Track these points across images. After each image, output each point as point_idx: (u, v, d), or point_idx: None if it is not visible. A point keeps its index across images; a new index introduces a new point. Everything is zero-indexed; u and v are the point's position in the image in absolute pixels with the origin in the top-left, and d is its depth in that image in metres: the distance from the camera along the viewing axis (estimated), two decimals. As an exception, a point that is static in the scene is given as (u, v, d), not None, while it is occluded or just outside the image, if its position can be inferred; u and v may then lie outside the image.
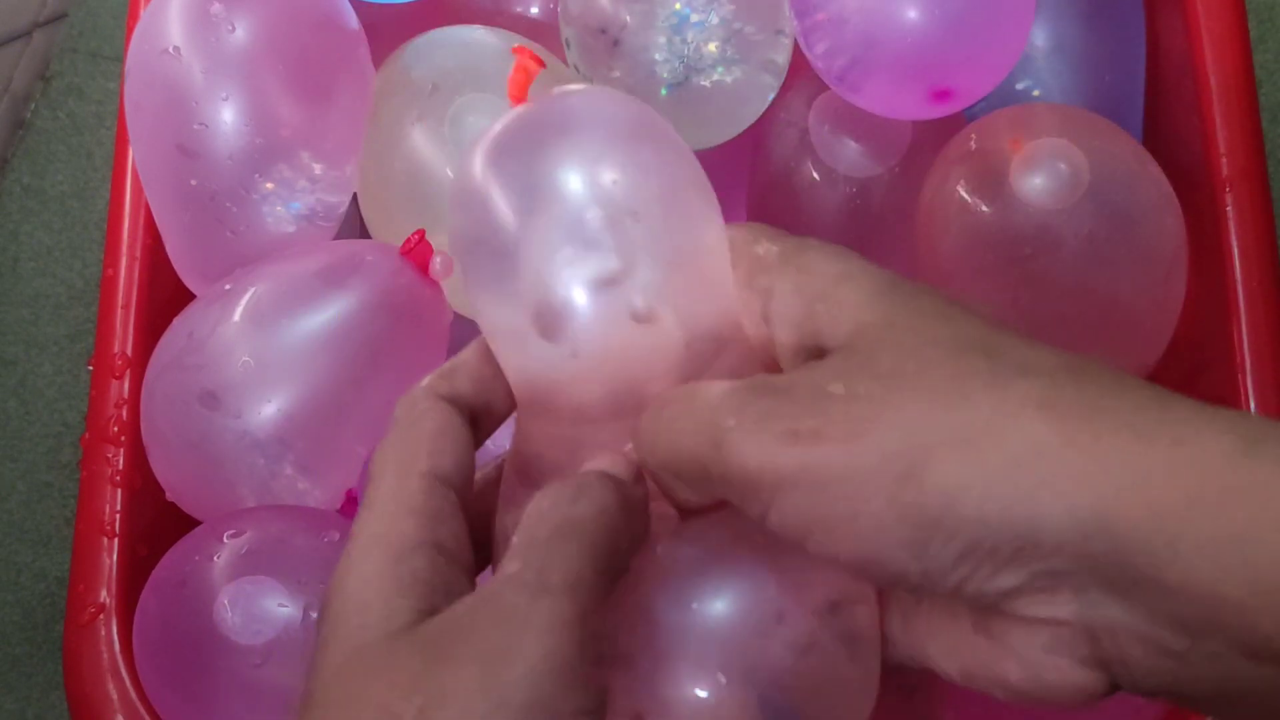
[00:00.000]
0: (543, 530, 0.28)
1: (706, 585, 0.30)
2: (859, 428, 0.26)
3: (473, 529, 0.31)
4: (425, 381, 0.33)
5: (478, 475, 0.33)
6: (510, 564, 0.27)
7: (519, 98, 0.32)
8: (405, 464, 0.30)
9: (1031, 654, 0.27)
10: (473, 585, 0.30)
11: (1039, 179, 0.50)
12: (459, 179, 0.32)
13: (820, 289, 0.29)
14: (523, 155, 0.30)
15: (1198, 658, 0.25)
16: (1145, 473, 0.25)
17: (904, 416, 0.26)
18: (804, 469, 0.26)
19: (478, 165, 0.31)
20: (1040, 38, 0.57)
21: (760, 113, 0.54)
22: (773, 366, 0.31)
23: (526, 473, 0.33)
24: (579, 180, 0.30)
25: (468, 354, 0.33)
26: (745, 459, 0.27)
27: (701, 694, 0.30)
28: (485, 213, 0.30)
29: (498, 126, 0.31)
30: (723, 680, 0.30)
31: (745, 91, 0.53)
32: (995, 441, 0.25)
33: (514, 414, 0.33)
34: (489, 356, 0.32)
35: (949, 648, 0.29)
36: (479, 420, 0.33)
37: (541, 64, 0.33)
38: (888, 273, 0.29)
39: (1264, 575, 0.24)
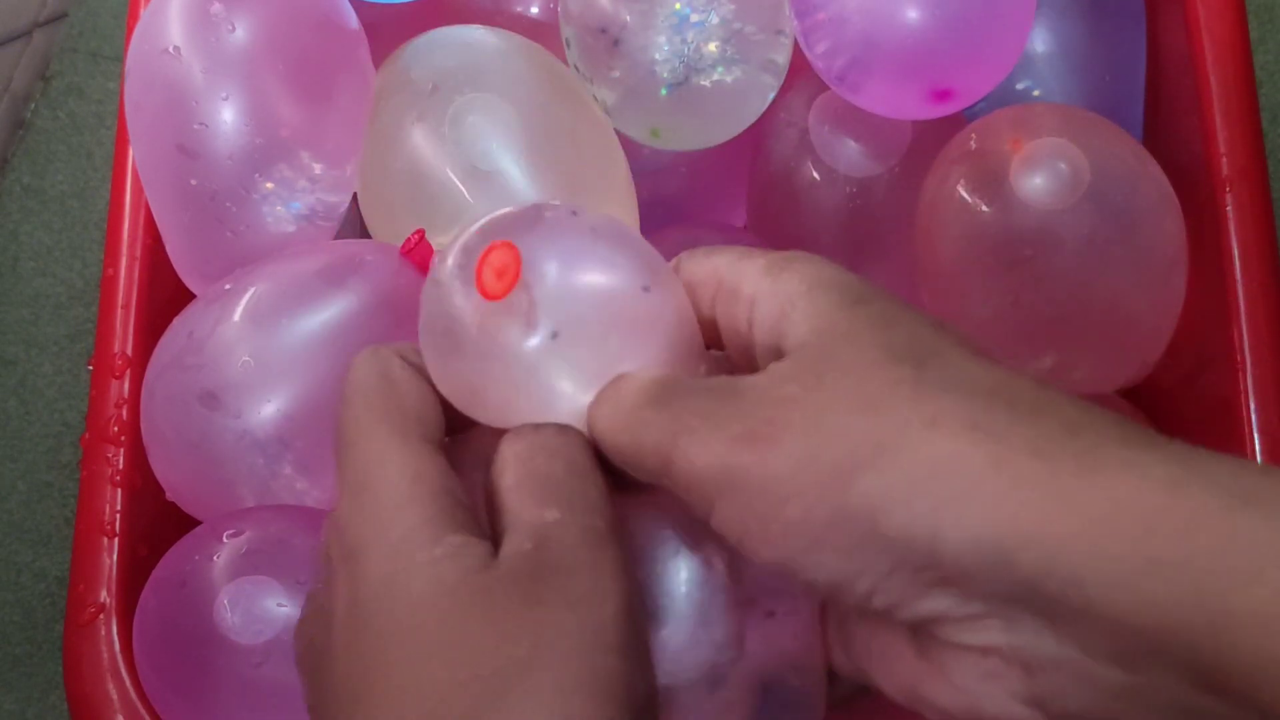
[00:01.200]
0: (558, 468, 0.29)
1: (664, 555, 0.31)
2: (795, 432, 0.27)
3: None
4: (395, 346, 0.33)
5: None
6: (550, 512, 0.28)
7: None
8: (400, 427, 0.31)
9: (967, 682, 0.27)
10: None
11: (1039, 179, 0.50)
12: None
13: (793, 295, 0.30)
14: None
15: (1135, 694, 0.25)
16: (1059, 498, 0.24)
17: (836, 422, 0.26)
18: (744, 471, 0.27)
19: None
20: (1040, 38, 0.57)
21: (760, 113, 0.54)
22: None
23: None
24: None
25: None
26: (694, 459, 0.28)
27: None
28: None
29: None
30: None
31: (745, 91, 0.53)
32: (909, 455, 0.26)
33: None
34: None
35: (888, 668, 0.29)
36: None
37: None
38: (863, 285, 0.30)
39: (1207, 601, 0.23)
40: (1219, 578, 0.23)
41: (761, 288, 0.30)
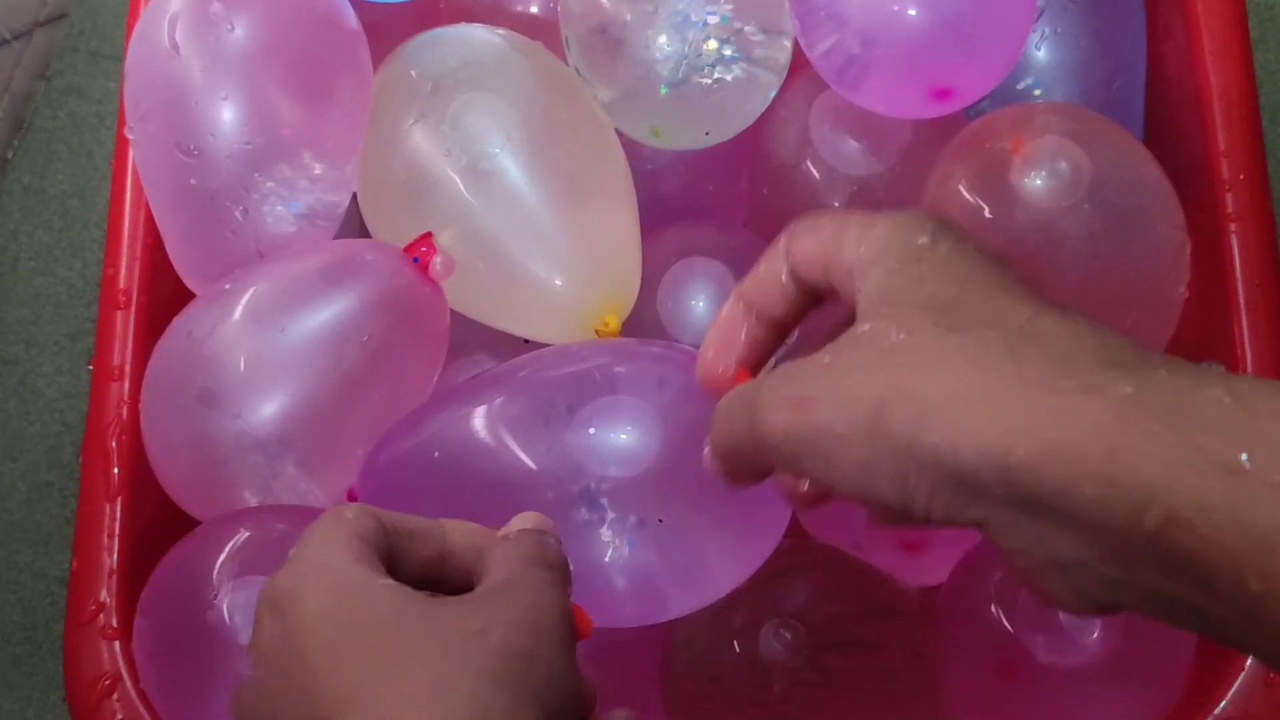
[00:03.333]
0: (533, 551, 0.36)
1: None
2: (840, 393, 0.32)
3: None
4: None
5: None
6: (509, 565, 0.35)
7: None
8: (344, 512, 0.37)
9: (1029, 573, 0.31)
10: None
11: (1040, 178, 0.50)
12: None
13: (865, 264, 0.35)
14: None
15: (1138, 587, 0.29)
16: (1040, 418, 0.29)
17: (874, 379, 0.32)
18: (800, 429, 0.33)
19: None
20: (1041, 37, 0.57)
21: (760, 112, 0.54)
22: None
23: None
24: None
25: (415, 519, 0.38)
26: (772, 424, 0.33)
27: None
28: None
29: None
30: None
31: (745, 90, 0.53)
32: (925, 391, 0.31)
33: None
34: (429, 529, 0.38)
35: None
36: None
37: None
38: (922, 244, 0.34)
39: (1152, 505, 0.27)
40: (1158, 478, 0.27)
41: (856, 257, 0.35)
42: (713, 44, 0.52)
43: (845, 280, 0.36)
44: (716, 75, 0.52)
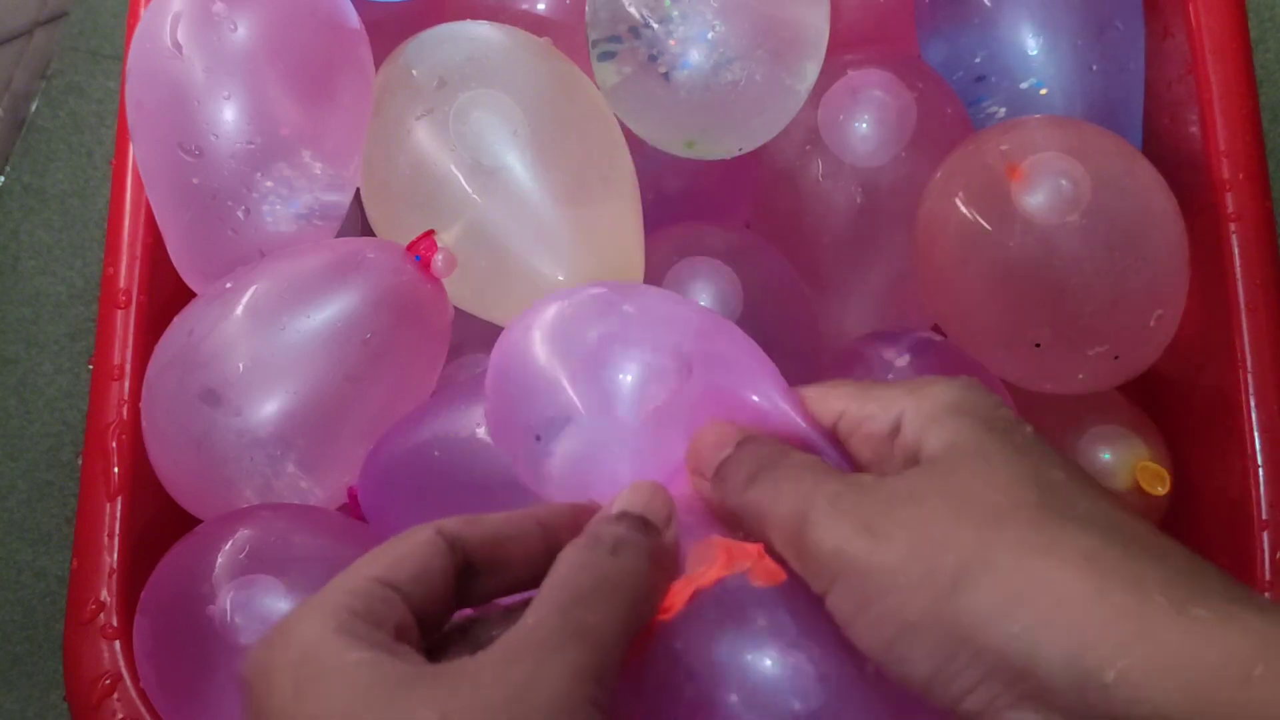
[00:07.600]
0: (585, 582, 0.30)
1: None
2: (908, 531, 0.29)
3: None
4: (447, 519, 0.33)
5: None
6: (541, 609, 0.29)
7: None
8: (359, 566, 0.31)
9: None
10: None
11: (1040, 196, 0.50)
12: None
13: (938, 413, 0.32)
14: None
15: None
16: (1158, 637, 0.26)
17: (951, 532, 0.29)
18: (856, 558, 0.29)
19: None
20: (1043, 38, 0.57)
21: (790, 118, 0.54)
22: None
23: None
24: None
25: (499, 516, 0.33)
26: (822, 537, 0.30)
27: None
28: None
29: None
30: None
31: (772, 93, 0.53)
32: (1020, 576, 0.28)
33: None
34: (520, 523, 0.33)
35: None
36: (480, 572, 0.32)
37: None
38: (1002, 413, 0.32)
39: None
40: None
41: (908, 405, 0.33)
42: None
43: (880, 423, 0.33)
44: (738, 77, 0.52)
